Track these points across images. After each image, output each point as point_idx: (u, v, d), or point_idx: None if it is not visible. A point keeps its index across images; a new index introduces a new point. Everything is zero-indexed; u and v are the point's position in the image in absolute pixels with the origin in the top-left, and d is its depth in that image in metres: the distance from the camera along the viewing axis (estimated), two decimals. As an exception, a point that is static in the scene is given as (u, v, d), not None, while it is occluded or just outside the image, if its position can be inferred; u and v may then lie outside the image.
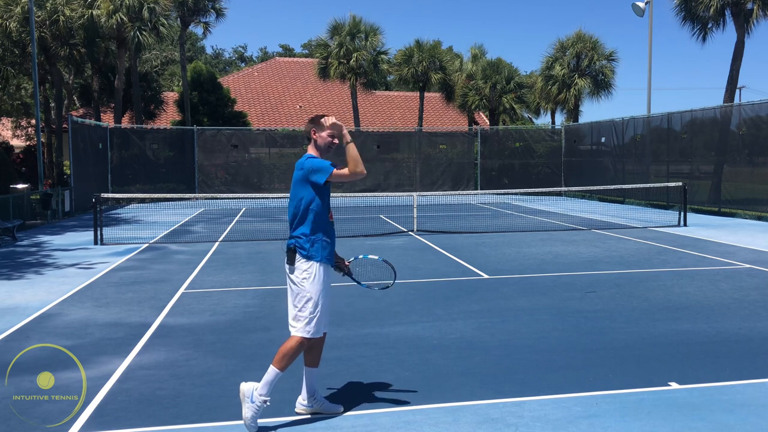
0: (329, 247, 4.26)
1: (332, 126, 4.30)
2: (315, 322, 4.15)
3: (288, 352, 4.14)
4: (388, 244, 12.87)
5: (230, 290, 8.57)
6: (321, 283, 4.17)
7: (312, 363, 4.38)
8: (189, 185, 25.99)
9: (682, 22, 21.40)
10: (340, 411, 4.39)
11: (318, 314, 4.15)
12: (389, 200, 24.56)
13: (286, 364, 4.16)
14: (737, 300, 7.70)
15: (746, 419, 4.27)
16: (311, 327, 4.15)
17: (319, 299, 4.15)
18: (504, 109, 31.09)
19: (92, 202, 13.74)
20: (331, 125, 4.30)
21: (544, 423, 4.22)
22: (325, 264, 4.23)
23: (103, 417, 4.39)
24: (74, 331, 6.55)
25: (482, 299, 7.84)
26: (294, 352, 4.17)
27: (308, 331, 4.15)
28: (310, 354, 4.36)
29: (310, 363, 4.38)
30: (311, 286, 4.15)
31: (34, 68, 20.77)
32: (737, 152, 18.58)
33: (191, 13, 27.36)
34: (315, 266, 4.16)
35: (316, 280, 4.15)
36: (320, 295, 4.16)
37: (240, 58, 66.65)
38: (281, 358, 4.14)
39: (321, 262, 4.18)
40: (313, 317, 4.15)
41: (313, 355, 4.37)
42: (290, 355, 4.15)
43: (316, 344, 4.36)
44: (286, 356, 4.14)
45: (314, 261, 4.16)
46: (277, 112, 37.48)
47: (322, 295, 4.18)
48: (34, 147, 30.61)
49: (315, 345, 4.35)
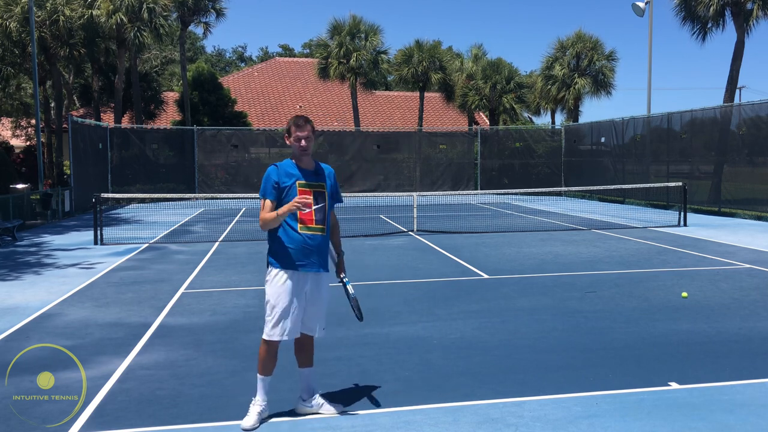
0: (295, 254, 4.18)
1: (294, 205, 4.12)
2: (272, 325, 4.19)
3: (258, 356, 4.31)
4: (388, 244, 12.87)
5: (230, 290, 8.57)
6: (278, 287, 4.18)
7: (304, 363, 4.40)
8: (189, 185, 25.98)
9: (682, 22, 21.40)
10: (339, 411, 4.39)
11: (275, 317, 4.17)
12: (389, 200, 24.56)
13: (259, 366, 4.29)
14: (737, 300, 7.70)
15: (746, 419, 4.27)
16: (268, 329, 4.21)
17: (277, 303, 4.17)
18: (504, 109, 31.08)
19: (92, 202, 13.74)
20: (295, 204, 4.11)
21: (544, 423, 4.22)
22: (290, 271, 4.18)
23: (103, 417, 4.39)
24: (74, 331, 6.55)
25: (482, 299, 7.84)
26: (260, 354, 4.30)
27: (266, 332, 4.23)
28: (300, 355, 4.40)
29: (302, 364, 4.41)
30: (269, 289, 4.23)
31: (34, 68, 20.77)
32: (737, 152, 18.58)
33: (191, 13, 27.34)
34: (274, 272, 4.22)
35: (274, 284, 4.20)
36: (278, 299, 4.17)
37: (240, 58, 66.63)
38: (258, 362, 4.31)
39: (281, 269, 4.19)
40: (270, 320, 4.20)
41: (303, 356, 4.40)
42: (259, 358, 4.30)
43: (303, 345, 4.37)
44: (258, 359, 4.31)
45: (273, 267, 4.22)
46: (277, 112, 37.47)
47: (281, 299, 4.17)
48: (34, 147, 30.61)
49: (302, 346, 4.37)
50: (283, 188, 4.20)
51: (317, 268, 4.25)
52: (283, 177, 4.22)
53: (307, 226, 4.20)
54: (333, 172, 4.43)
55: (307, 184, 4.23)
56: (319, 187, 4.27)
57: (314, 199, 4.23)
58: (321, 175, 4.32)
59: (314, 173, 4.30)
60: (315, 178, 4.29)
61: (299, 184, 4.20)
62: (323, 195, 4.28)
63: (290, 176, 4.22)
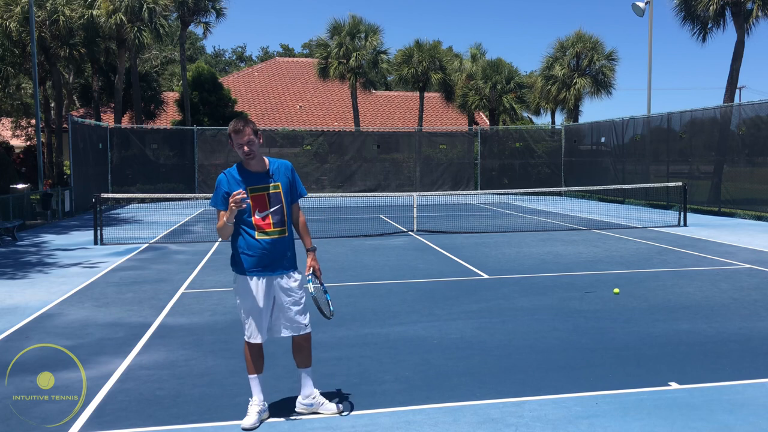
0: (255, 260, 4.19)
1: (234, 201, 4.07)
2: (246, 326, 4.29)
3: (245, 357, 4.37)
4: (388, 244, 12.87)
5: (230, 290, 8.56)
6: (243, 293, 4.25)
7: (302, 364, 4.41)
8: (189, 185, 25.99)
9: (682, 22, 21.40)
10: (338, 410, 4.39)
11: (245, 320, 4.28)
12: (389, 200, 24.55)
13: (247, 367, 4.35)
14: (737, 300, 7.70)
15: (746, 419, 4.27)
16: (245, 330, 4.31)
17: (243, 307, 4.27)
18: (504, 109, 31.08)
19: (92, 202, 13.74)
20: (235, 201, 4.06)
21: (544, 423, 4.22)
22: (253, 276, 4.20)
23: (103, 417, 4.39)
24: (74, 331, 6.55)
25: (482, 299, 7.84)
26: (245, 355, 4.36)
27: (245, 334, 4.32)
28: (297, 356, 4.41)
29: (299, 364, 4.42)
30: (235, 294, 4.33)
31: (34, 68, 20.76)
32: (737, 152, 18.58)
33: (191, 13, 27.34)
34: (235, 278, 4.30)
35: (239, 290, 4.28)
36: (244, 304, 4.26)
37: (240, 58, 66.60)
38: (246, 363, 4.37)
39: (240, 275, 4.24)
40: (243, 322, 4.31)
41: (300, 357, 4.40)
42: (245, 359, 4.36)
43: (298, 346, 4.37)
44: (245, 360, 4.37)
45: (235, 273, 4.29)
46: (277, 112, 37.47)
47: (247, 303, 4.24)
48: (34, 147, 30.61)
49: (297, 347, 4.37)
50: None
51: (280, 271, 4.25)
52: (233, 185, 4.17)
53: (264, 231, 4.19)
54: (290, 166, 4.37)
55: (259, 188, 4.19)
56: (274, 188, 4.22)
57: (270, 202, 4.20)
58: (274, 175, 4.25)
59: (266, 174, 4.24)
60: (267, 179, 4.23)
61: (250, 189, 4.16)
62: (278, 195, 4.23)
63: (239, 183, 4.17)
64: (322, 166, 28.15)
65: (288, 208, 4.29)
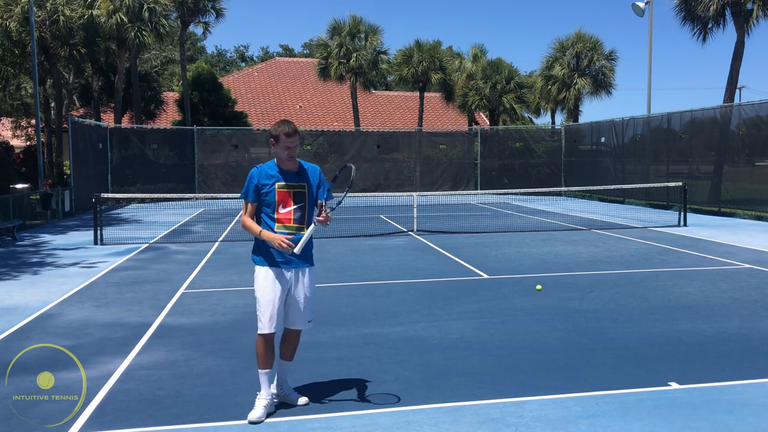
0: (275, 252, 4.35)
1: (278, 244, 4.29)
2: (260, 317, 4.38)
3: (257, 351, 4.45)
4: (388, 244, 12.87)
5: (230, 290, 8.57)
6: (262, 282, 4.37)
7: (285, 356, 4.59)
8: (189, 185, 25.98)
9: (682, 22, 21.39)
10: (304, 402, 4.54)
11: (261, 310, 4.37)
12: (389, 200, 24.55)
13: (258, 361, 4.43)
14: (737, 300, 7.70)
15: (746, 419, 4.27)
16: (259, 322, 4.39)
17: (261, 297, 4.37)
18: (504, 109, 31.08)
19: (92, 202, 13.74)
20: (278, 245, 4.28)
21: (544, 423, 4.22)
22: (273, 267, 4.36)
23: (103, 417, 4.39)
24: (74, 331, 6.55)
25: (482, 299, 7.84)
26: (257, 349, 4.43)
27: (258, 327, 4.40)
28: (284, 346, 4.58)
29: (283, 356, 4.59)
30: (255, 285, 4.43)
31: (34, 68, 20.76)
32: (737, 152, 18.57)
33: (191, 13, 27.34)
34: (257, 269, 4.43)
35: (258, 280, 4.40)
36: (262, 294, 4.36)
37: (241, 57, 66.62)
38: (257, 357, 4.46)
39: (263, 266, 4.39)
40: (259, 314, 4.39)
41: (286, 347, 4.58)
42: (257, 353, 4.44)
43: (288, 338, 4.56)
44: (257, 355, 4.45)
45: (256, 264, 4.44)
46: (277, 112, 37.47)
47: (265, 294, 4.35)
48: (34, 147, 30.61)
49: (287, 338, 4.56)
50: (262, 190, 4.37)
51: (296, 265, 4.41)
52: (263, 179, 4.38)
53: (284, 225, 4.38)
54: (318, 170, 4.56)
55: (287, 185, 4.38)
56: (299, 187, 4.42)
57: (293, 199, 4.39)
58: (303, 176, 4.44)
59: (296, 174, 4.43)
60: (296, 179, 4.42)
61: (278, 185, 4.36)
62: (303, 195, 4.41)
63: (270, 177, 4.38)
64: (322, 166, 27.93)
65: (311, 207, 4.47)
